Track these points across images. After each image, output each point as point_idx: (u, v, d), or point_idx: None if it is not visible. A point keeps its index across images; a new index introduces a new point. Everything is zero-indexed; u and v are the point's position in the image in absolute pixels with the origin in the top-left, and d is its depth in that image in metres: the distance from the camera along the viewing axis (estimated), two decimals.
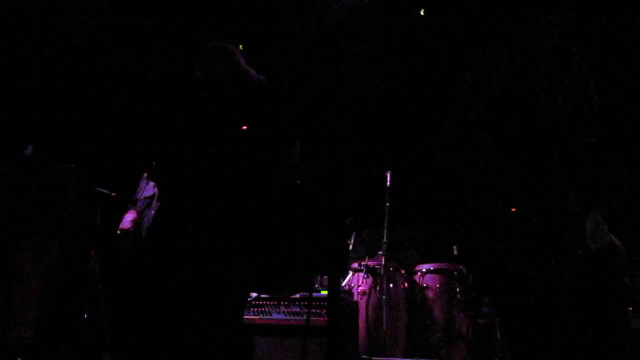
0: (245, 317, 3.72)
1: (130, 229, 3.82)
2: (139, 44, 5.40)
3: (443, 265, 4.86)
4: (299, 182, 2.60)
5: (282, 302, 3.75)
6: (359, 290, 4.61)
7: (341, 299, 3.53)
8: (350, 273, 4.76)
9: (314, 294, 3.74)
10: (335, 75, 1.94)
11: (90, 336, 3.46)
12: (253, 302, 3.76)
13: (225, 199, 2.48)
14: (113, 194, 3.75)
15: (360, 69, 5.37)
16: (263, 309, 3.76)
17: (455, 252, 4.92)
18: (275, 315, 3.79)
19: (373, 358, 3.90)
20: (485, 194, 2.30)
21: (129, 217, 3.95)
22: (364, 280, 4.64)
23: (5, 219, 3.07)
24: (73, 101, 5.18)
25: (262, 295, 3.77)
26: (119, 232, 3.88)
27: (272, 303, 3.75)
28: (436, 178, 6.19)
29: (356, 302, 4.41)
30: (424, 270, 4.85)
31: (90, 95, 5.30)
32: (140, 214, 4.04)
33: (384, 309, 4.41)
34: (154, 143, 2.69)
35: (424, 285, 4.78)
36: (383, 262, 4.56)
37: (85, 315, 3.44)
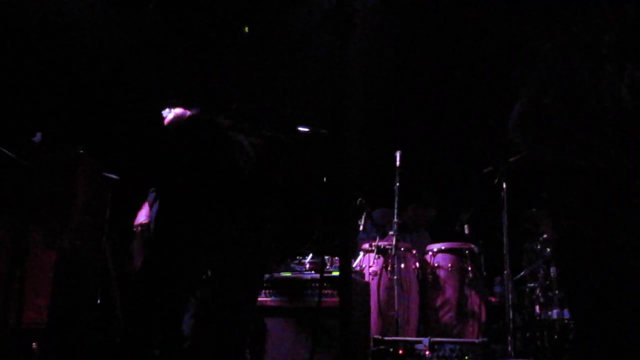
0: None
1: (146, 222, 3.83)
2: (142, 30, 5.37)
3: (454, 245, 4.84)
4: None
5: (294, 283, 3.76)
6: (370, 271, 4.60)
7: (353, 280, 3.54)
8: (361, 254, 4.75)
9: (326, 275, 3.75)
10: (343, 54, 1.90)
11: (104, 321, 3.49)
12: (265, 284, 3.77)
13: (235, 184, 2.46)
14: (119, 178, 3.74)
15: (370, 46, 5.31)
16: (275, 291, 3.77)
17: (466, 231, 4.90)
18: (286, 296, 3.80)
19: (385, 338, 3.90)
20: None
21: (142, 212, 3.96)
22: (375, 260, 4.63)
23: (16, 206, 3.08)
24: (81, 86, 5.17)
25: (275, 275, 3.78)
26: (134, 228, 3.88)
27: (284, 283, 3.76)
28: (447, 157, 6.16)
29: (367, 283, 4.41)
30: (435, 249, 4.84)
31: (98, 80, 5.29)
32: (151, 206, 4.04)
33: (396, 289, 4.40)
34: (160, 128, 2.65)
35: (436, 264, 4.77)
36: (394, 242, 4.54)
37: (98, 301, 3.46)
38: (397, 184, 4.76)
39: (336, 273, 3.83)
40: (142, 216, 3.90)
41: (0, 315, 2.73)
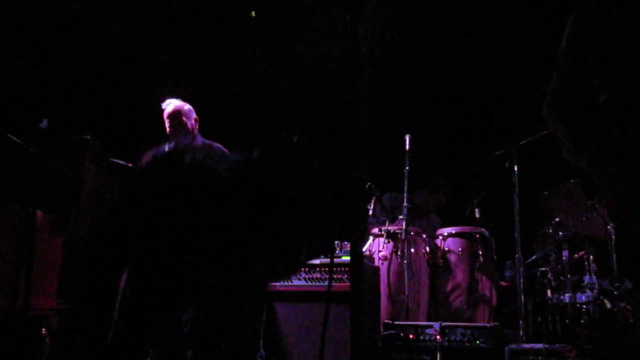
0: None
1: None
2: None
3: (465, 229, 4.80)
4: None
5: (302, 268, 3.74)
6: (380, 256, 4.58)
7: (363, 264, 3.51)
8: (371, 238, 4.72)
9: (335, 260, 3.73)
10: (352, 42, 1.86)
11: (115, 306, 3.48)
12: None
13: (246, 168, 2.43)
14: (130, 164, 3.72)
15: (379, 27, 5.25)
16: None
17: (477, 215, 4.85)
18: (296, 282, 3.79)
19: (396, 323, 3.88)
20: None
21: None
22: (385, 245, 4.60)
23: (23, 192, 3.06)
24: (86, 72, 5.15)
25: None
26: None
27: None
28: (457, 139, 6.10)
29: (377, 268, 4.38)
30: (445, 234, 4.80)
31: (104, 67, 5.26)
32: None
33: (406, 274, 4.37)
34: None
35: (446, 249, 4.74)
36: (404, 227, 4.51)
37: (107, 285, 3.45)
38: (407, 168, 4.71)
39: (346, 258, 3.81)
40: None
41: (8, 301, 2.73)
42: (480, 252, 4.67)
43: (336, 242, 3.92)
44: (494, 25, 5.76)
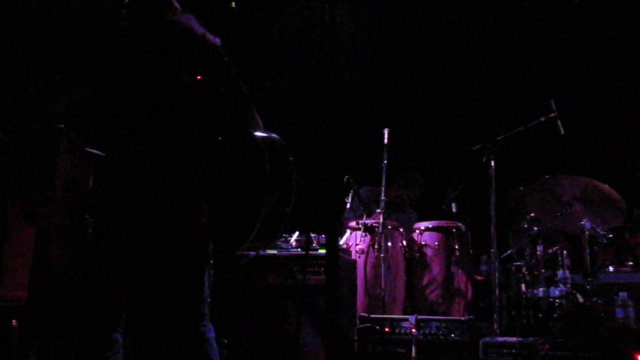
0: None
1: None
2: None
3: (442, 223, 4.83)
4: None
5: (278, 261, 3.72)
6: (357, 249, 4.59)
7: (340, 257, 3.52)
8: (348, 231, 4.72)
9: (311, 252, 3.72)
10: (331, 33, 1.85)
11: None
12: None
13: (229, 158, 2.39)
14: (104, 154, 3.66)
15: (359, 20, 5.24)
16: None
17: (454, 210, 4.88)
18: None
19: (372, 316, 3.89)
20: None
21: None
22: (362, 238, 4.61)
23: None
24: (59, 59, 5.05)
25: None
26: None
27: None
28: (435, 134, 6.14)
29: (354, 261, 4.39)
30: (422, 227, 4.83)
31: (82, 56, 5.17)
32: None
33: (382, 267, 4.39)
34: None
35: (423, 242, 4.76)
36: (381, 220, 4.52)
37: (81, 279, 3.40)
38: (385, 162, 4.72)
39: (322, 251, 3.81)
40: None
41: None
42: (457, 247, 4.71)
43: (312, 234, 3.92)
44: (472, 20, 5.79)
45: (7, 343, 2.73)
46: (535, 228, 4.43)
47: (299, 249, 3.85)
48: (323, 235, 3.94)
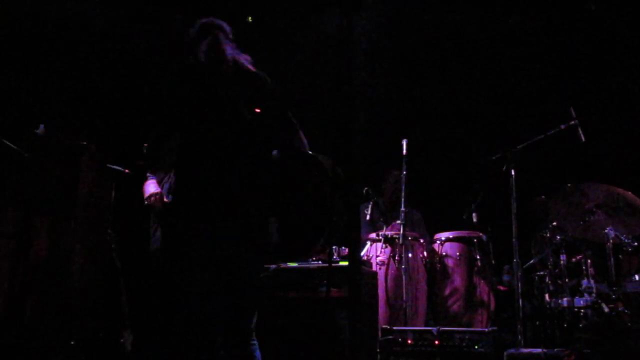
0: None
1: (158, 192, 3.90)
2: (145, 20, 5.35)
3: (463, 233, 4.79)
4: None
5: (299, 274, 3.72)
6: (377, 261, 4.57)
7: (362, 269, 3.50)
8: (369, 243, 4.71)
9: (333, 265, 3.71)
10: (349, 44, 1.87)
11: (110, 314, 3.47)
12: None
13: (244, 169, 2.51)
14: (126, 170, 3.71)
15: (376, 31, 5.26)
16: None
17: (474, 220, 4.84)
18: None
19: (394, 328, 3.86)
20: None
21: (149, 187, 4.01)
22: (382, 250, 4.59)
23: (19, 198, 3.05)
24: (83, 78, 5.14)
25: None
26: (146, 201, 4.04)
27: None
28: (454, 144, 6.10)
29: (375, 273, 4.37)
30: (443, 238, 4.79)
31: (99, 71, 5.25)
32: (160, 182, 4.08)
33: (404, 279, 4.36)
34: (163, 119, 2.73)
35: (444, 253, 4.73)
36: (401, 232, 4.50)
37: (105, 295, 3.44)
38: (404, 172, 4.71)
39: (343, 263, 3.80)
40: (151, 188, 3.97)
41: (7, 303, 2.72)
42: (478, 257, 4.67)
43: (334, 247, 3.91)
44: (491, 28, 5.77)
45: None
46: (558, 237, 4.37)
47: (320, 262, 3.85)
48: (344, 248, 3.93)
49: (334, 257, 3.85)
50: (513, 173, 4.29)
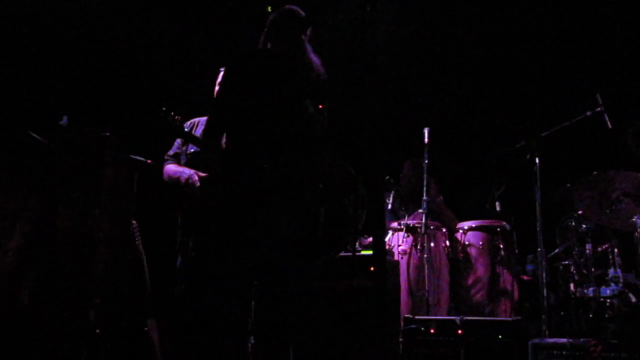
0: None
1: (192, 174, 3.88)
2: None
3: (485, 222, 4.75)
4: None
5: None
6: (399, 250, 4.55)
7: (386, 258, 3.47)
8: (390, 232, 4.69)
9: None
10: (370, 32, 1.85)
11: (134, 303, 3.50)
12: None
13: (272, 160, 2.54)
14: (149, 161, 3.73)
15: (397, 17, 5.20)
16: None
17: (497, 208, 4.79)
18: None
19: (416, 317, 3.85)
20: None
21: (177, 167, 3.98)
22: (404, 239, 4.57)
23: (44, 189, 3.09)
24: (105, 69, 5.18)
25: None
26: (185, 183, 3.90)
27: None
28: (477, 132, 6.04)
29: (397, 262, 4.35)
30: (465, 227, 4.75)
31: (122, 62, 5.29)
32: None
33: (426, 268, 4.34)
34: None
35: (466, 242, 4.69)
36: (423, 221, 4.47)
37: (129, 283, 3.47)
38: (426, 162, 4.67)
39: (366, 252, 3.78)
40: (182, 169, 3.93)
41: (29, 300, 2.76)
42: (501, 246, 4.62)
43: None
44: (513, 15, 5.68)
45: None
46: (584, 226, 4.30)
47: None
48: (365, 237, 3.92)
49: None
50: (537, 161, 4.23)
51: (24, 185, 2.90)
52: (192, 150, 3.99)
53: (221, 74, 3.56)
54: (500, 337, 3.63)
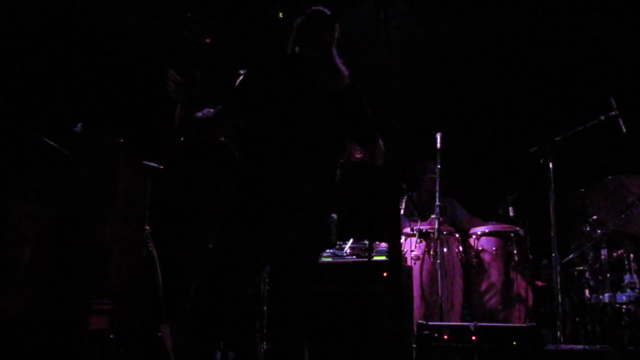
0: None
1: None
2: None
3: (499, 227, 4.71)
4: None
5: (335, 269, 3.71)
6: (412, 255, 4.53)
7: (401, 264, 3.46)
8: (403, 238, 4.67)
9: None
10: (382, 37, 1.85)
11: (148, 309, 3.52)
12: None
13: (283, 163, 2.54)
14: (162, 167, 3.76)
15: (410, 24, 5.20)
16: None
17: (511, 214, 4.76)
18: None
19: (430, 323, 3.83)
20: None
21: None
22: (417, 245, 4.55)
23: (59, 195, 3.11)
24: (119, 77, 5.22)
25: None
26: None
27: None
28: (490, 137, 6.01)
29: (410, 268, 4.34)
30: (479, 233, 4.72)
31: (135, 70, 5.33)
32: None
33: (439, 274, 4.32)
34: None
35: (480, 248, 4.66)
36: (436, 226, 4.45)
37: (143, 288, 3.49)
38: (439, 166, 4.65)
39: (379, 257, 3.78)
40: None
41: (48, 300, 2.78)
42: (515, 251, 4.59)
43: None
44: (525, 15, 5.65)
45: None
46: (599, 231, 4.26)
47: (354, 257, 3.83)
48: (377, 242, 3.91)
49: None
50: (551, 166, 4.20)
51: (38, 192, 2.93)
52: None
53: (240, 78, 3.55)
54: (514, 343, 3.60)
